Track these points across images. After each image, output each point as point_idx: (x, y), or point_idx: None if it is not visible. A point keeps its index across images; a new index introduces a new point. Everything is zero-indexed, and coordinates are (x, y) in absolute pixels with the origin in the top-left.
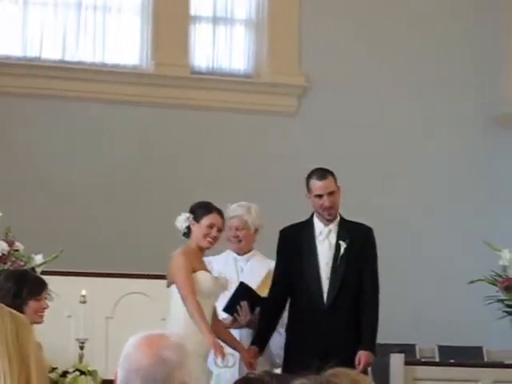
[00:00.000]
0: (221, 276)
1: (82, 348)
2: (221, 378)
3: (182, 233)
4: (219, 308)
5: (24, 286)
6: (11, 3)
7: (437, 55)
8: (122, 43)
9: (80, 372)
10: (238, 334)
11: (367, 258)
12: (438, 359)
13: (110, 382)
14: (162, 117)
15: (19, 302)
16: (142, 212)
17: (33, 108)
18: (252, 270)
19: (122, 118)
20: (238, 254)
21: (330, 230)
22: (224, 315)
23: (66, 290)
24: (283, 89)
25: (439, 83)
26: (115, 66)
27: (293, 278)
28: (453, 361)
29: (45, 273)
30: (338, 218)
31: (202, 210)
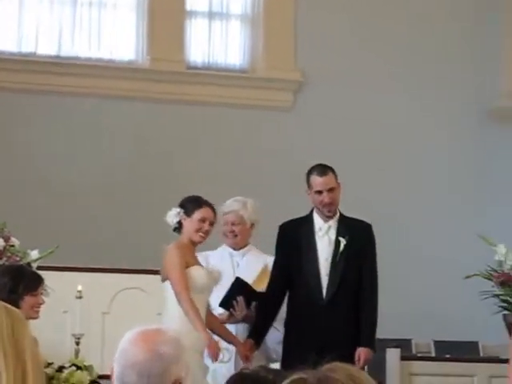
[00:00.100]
0: (213, 269)
1: (78, 343)
2: (217, 373)
3: (173, 228)
4: (215, 303)
5: (20, 281)
6: None
7: (434, 51)
8: (118, 38)
9: (76, 367)
10: (234, 329)
11: (366, 255)
12: (433, 354)
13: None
14: (158, 112)
15: (15, 297)
16: (138, 207)
17: (28, 103)
18: (248, 265)
19: (118, 113)
20: (233, 249)
21: (329, 226)
22: (220, 310)
23: (62, 285)
24: (279, 84)
25: (435, 78)
26: (111, 61)
27: (292, 273)
28: (449, 356)
29: (41, 268)
30: (338, 214)
31: (193, 205)
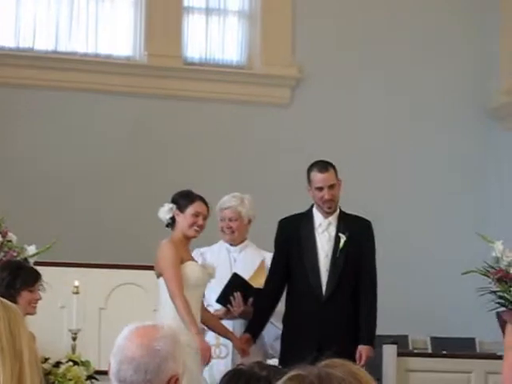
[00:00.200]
0: (208, 264)
1: (74, 339)
2: (214, 369)
3: (166, 224)
4: (212, 299)
5: (18, 277)
6: None
7: (433, 47)
8: (115, 34)
9: (73, 362)
10: (231, 326)
11: (366, 252)
12: (430, 350)
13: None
14: (155, 107)
15: (12, 292)
16: (135, 203)
17: (25, 98)
18: (245, 261)
19: (115, 109)
20: (231, 245)
21: (329, 222)
22: (217, 306)
23: (58, 280)
24: (276, 80)
25: (434, 74)
26: (108, 56)
27: (291, 268)
28: (445, 352)
29: (38, 263)
30: (338, 210)
31: (186, 200)
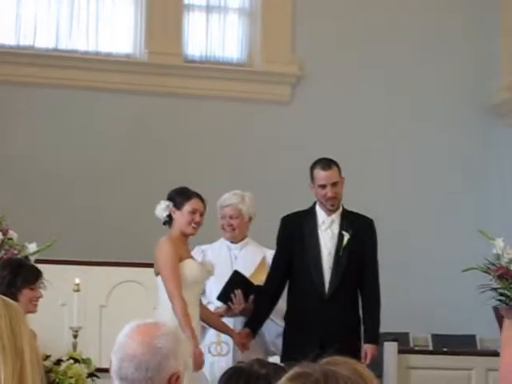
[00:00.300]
0: (206, 262)
1: (75, 336)
2: (215, 367)
3: (163, 221)
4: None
5: (19, 275)
6: None
7: (433, 47)
8: (116, 32)
9: (74, 360)
10: (231, 323)
11: (369, 250)
12: (431, 348)
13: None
14: (156, 105)
15: (13, 290)
16: (136, 201)
17: (26, 96)
18: (246, 258)
19: (115, 107)
20: (231, 243)
21: (332, 220)
22: (218, 303)
23: (59, 278)
24: (276, 77)
25: (434, 74)
26: (108, 54)
27: (293, 266)
28: (446, 349)
29: (38, 261)
30: (341, 208)
31: (182, 197)
